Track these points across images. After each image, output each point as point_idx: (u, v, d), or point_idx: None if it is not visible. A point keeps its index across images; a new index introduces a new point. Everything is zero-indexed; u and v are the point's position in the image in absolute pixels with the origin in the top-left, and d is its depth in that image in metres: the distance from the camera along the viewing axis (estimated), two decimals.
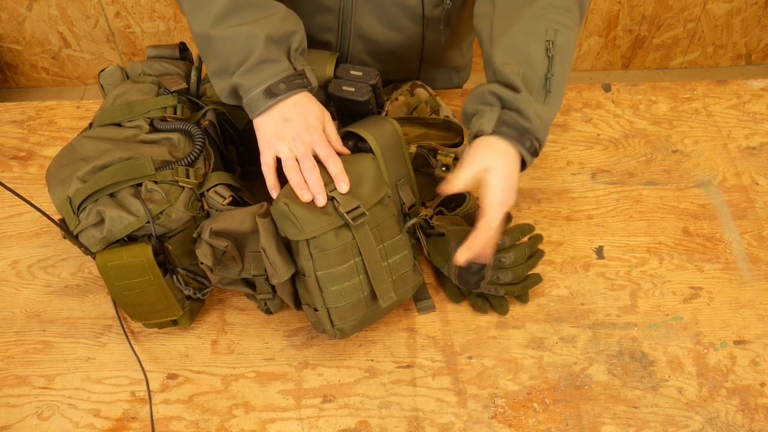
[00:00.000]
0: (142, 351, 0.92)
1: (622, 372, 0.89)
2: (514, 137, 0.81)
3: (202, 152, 0.88)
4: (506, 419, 0.85)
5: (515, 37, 0.86)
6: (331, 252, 0.80)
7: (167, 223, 0.82)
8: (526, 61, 0.84)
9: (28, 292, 0.97)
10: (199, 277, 0.89)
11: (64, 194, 0.83)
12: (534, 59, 0.85)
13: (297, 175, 0.81)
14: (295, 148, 0.83)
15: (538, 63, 0.85)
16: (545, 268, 0.98)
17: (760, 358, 0.90)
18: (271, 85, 0.83)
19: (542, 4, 0.87)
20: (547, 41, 0.85)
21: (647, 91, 1.20)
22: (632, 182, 1.08)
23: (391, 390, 0.88)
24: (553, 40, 0.85)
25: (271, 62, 0.83)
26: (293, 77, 0.84)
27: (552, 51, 0.85)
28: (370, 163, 0.85)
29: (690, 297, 0.95)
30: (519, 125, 0.82)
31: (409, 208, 0.90)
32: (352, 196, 0.81)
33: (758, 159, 1.11)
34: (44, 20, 2.15)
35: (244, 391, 0.88)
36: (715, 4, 2.19)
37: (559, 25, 0.87)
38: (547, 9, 0.87)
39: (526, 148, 0.82)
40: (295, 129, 0.83)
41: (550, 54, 0.85)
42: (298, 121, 0.83)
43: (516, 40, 0.86)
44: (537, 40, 0.85)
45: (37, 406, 0.87)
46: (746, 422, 0.84)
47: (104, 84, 0.96)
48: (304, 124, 0.83)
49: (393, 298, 0.85)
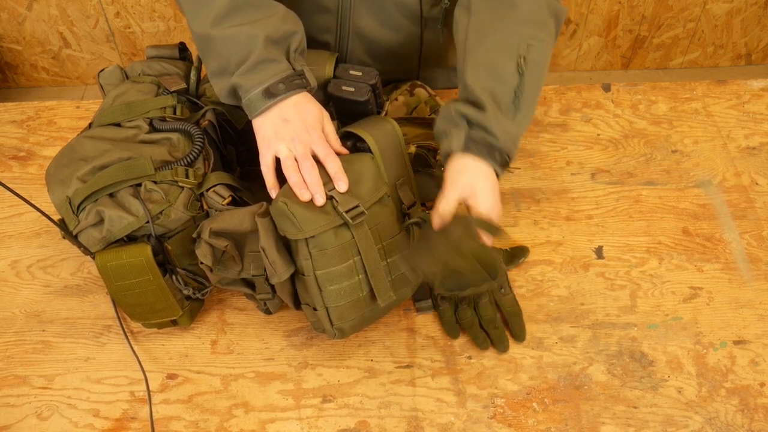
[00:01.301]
0: (142, 351, 0.92)
1: (621, 372, 0.89)
2: (483, 153, 0.83)
3: (201, 152, 0.88)
4: (506, 419, 0.85)
5: (487, 53, 0.87)
6: (330, 251, 0.81)
7: (166, 223, 0.82)
8: (496, 78, 0.86)
9: (27, 292, 0.97)
10: (198, 277, 0.89)
11: (64, 194, 0.83)
12: (504, 76, 0.86)
13: (296, 175, 0.81)
14: (294, 148, 0.83)
15: (508, 79, 0.86)
16: (545, 268, 0.98)
17: (760, 358, 0.90)
18: (270, 85, 0.83)
19: (516, 19, 0.88)
20: (519, 56, 0.86)
21: (647, 91, 1.20)
22: (632, 182, 1.08)
23: (390, 390, 0.88)
24: (525, 56, 0.86)
25: (270, 62, 0.83)
26: (292, 77, 0.84)
27: (523, 67, 0.86)
28: (369, 163, 0.85)
29: (689, 297, 0.95)
30: (486, 142, 0.83)
31: (409, 207, 0.90)
32: (351, 196, 0.81)
33: (758, 159, 1.11)
34: (44, 20, 2.15)
35: (243, 391, 0.88)
36: (715, 4, 2.19)
37: (533, 39, 0.88)
38: (521, 24, 0.88)
39: (497, 161, 0.84)
40: (294, 129, 0.83)
41: (521, 70, 0.86)
42: (297, 121, 0.83)
43: (488, 55, 0.87)
44: (509, 56, 0.86)
45: (37, 406, 0.87)
46: (746, 422, 0.84)
47: (104, 84, 0.96)
48: (303, 124, 0.83)
49: (392, 298, 0.85)
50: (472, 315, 0.91)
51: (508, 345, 0.91)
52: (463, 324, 0.91)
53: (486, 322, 0.91)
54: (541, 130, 1.15)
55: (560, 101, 1.19)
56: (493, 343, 0.91)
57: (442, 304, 0.92)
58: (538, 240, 1.01)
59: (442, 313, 0.93)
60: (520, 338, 0.91)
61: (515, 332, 0.91)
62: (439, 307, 0.93)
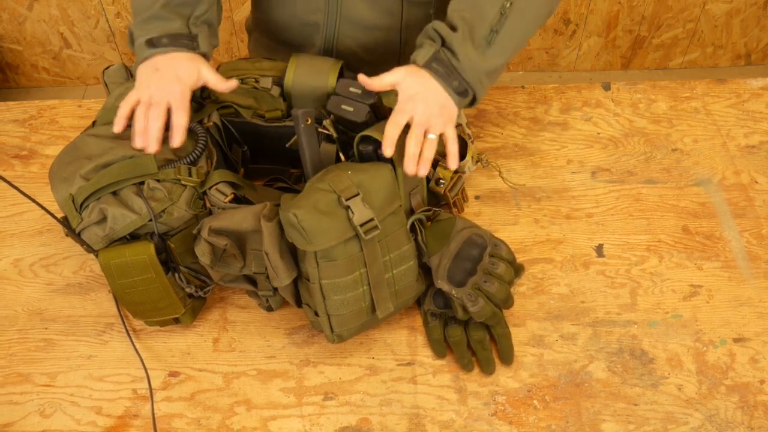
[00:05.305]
0: (144, 349, 0.92)
1: (622, 369, 0.89)
2: (441, 75, 0.86)
3: (204, 151, 0.88)
4: (506, 416, 0.85)
5: None
6: (339, 263, 0.80)
7: (169, 221, 0.82)
8: (477, 12, 0.88)
9: (30, 291, 0.98)
10: (200, 275, 0.89)
11: (67, 192, 0.84)
12: (486, 12, 0.88)
13: (141, 122, 0.86)
14: (152, 96, 0.87)
15: (488, 16, 0.88)
16: (546, 266, 0.99)
17: (760, 355, 0.90)
18: (154, 38, 0.89)
19: None
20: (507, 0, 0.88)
21: (647, 90, 1.21)
22: (632, 181, 1.08)
23: (392, 387, 0.88)
24: (512, 2, 0.88)
25: (162, 20, 0.90)
26: (179, 37, 0.90)
27: (508, 11, 0.88)
28: (388, 173, 0.84)
29: (689, 295, 0.96)
30: (449, 63, 0.86)
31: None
32: (367, 207, 0.80)
33: (757, 157, 1.11)
34: (45, 20, 2.16)
35: (245, 389, 0.88)
36: (714, 5, 2.19)
37: None
38: None
39: (453, 87, 0.86)
40: (161, 79, 0.87)
41: (503, 11, 0.88)
42: (166, 71, 0.88)
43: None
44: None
45: (40, 403, 0.88)
46: (746, 419, 0.85)
47: (108, 82, 0.96)
48: (171, 75, 0.87)
49: (390, 310, 0.86)
50: (461, 334, 0.89)
51: (494, 368, 0.88)
52: (450, 341, 0.89)
53: (474, 342, 0.89)
54: (541, 129, 1.15)
55: (560, 100, 1.19)
56: (480, 365, 0.89)
57: (431, 322, 0.91)
58: (539, 238, 1.02)
59: (431, 331, 0.91)
60: (507, 361, 0.89)
61: (504, 355, 0.89)
62: (429, 324, 0.91)
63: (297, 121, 0.86)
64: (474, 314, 0.85)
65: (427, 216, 0.92)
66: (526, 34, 0.93)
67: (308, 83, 0.96)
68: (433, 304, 0.91)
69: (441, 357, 0.90)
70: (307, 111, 0.86)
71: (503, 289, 0.87)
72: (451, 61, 0.86)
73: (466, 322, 0.90)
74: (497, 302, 0.87)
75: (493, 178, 1.08)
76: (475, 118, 1.16)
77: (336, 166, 0.86)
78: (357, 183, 0.81)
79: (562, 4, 2.16)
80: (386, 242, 0.84)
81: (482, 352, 0.89)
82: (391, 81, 0.87)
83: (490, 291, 0.86)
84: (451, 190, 0.98)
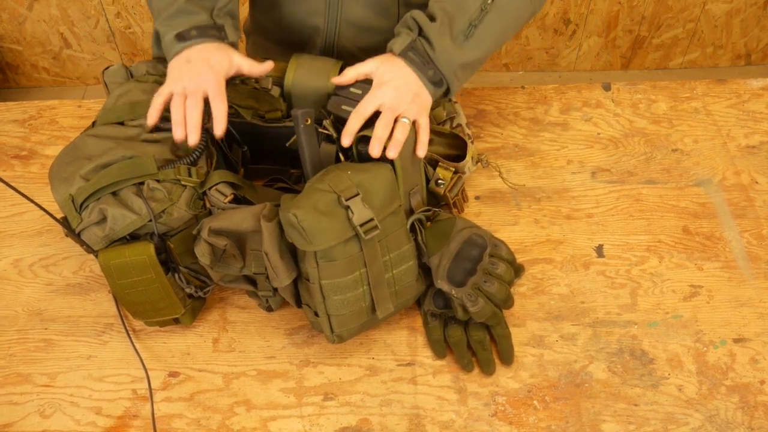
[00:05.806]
0: (144, 349, 0.92)
1: (622, 370, 0.89)
2: (416, 64, 0.88)
3: (204, 151, 0.88)
4: (507, 417, 0.85)
5: None
6: (339, 263, 0.81)
7: (169, 221, 0.82)
8: (459, 6, 0.89)
9: (29, 291, 0.98)
10: (200, 275, 0.89)
11: (67, 192, 0.84)
12: (467, 6, 0.89)
13: (179, 113, 0.85)
14: (187, 87, 0.86)
15: (469, 10, 0.89)
16: (546, 266, 0.99)
17: (760, 356, 0.90)
18: (183, 31, 0.89)
19: None
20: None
21: (647, 90, 1.21)
22: (632, 181, 1.08)
23: (392, 388, 0.88)
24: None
25: (188, 14, 0.90)
26: (207, 28, 0.90)
27: (488, 7, 0.89)
28: (388, 173, 0.84)
29: (690, 295, 0.96)
30: (424, 53, 0.88)
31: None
32: (367, 207, 0.80)
33: (758, 158, 1.11)
34: (45, 20, 2.15)
35: (245, 389, 0.88)
36: (714, 5, 2.19)
37: None
38: None
39: (428, 77, 0.88)
40: (193, 69, 0.87)
41: (484, 7, 0.89)
42: (198, 62, 0.87)
43: None
44: None
45: (39, 404, 0.88)
46: (746, 420, 0.85)
47: (108, 82, 0.96)
48: (204, 65, 0.87)
49: (390, 310, 0.86)
50: (462, 334, 0.89)
51: (494, 368, 0.88)
52: (450, 342, 0.89)
53: (475, 343, 0.89)
54: (541, 129, 1.15)
55: (560, 100, 1.19)
56: (480, 366, 0.89)
57: (431, 322, 0.91)
58: (539, 238, 1.01)
59: (431, 331, 0.91)
60: (507, 362, 0.89)
61: (504, 355, 0.89)
62: (429, 324, 0.91)
63: (297, 122, 0.86)
64: (474, 314, 0.85)
65: (426, 216, 0.91)
66: (506, 31, 0.93)
67: (308, 84, 0.96)
68: (433, 305, 0.91)
69: (441, 357, 0.90)
70: (306, 111, 0.86)
71: (503, 289, 0.86)
72: (426, 51, 0.88)
73: (466, 322, 0.90)
74: (497, 302, 0.86)
75: (493, 179, 1.08)
76: (475, 118, 1.16)
77: (336, 166, 0.86)
78: (357, 183, 0.81)
79: (562, 4, 2.16)
80: (386, 242, 0.84)
81: (482, 353, 0.89)
82: (365, 71, 0.89)
83: (490, 291, 0.86)
84: (451, 191, 0.98)
